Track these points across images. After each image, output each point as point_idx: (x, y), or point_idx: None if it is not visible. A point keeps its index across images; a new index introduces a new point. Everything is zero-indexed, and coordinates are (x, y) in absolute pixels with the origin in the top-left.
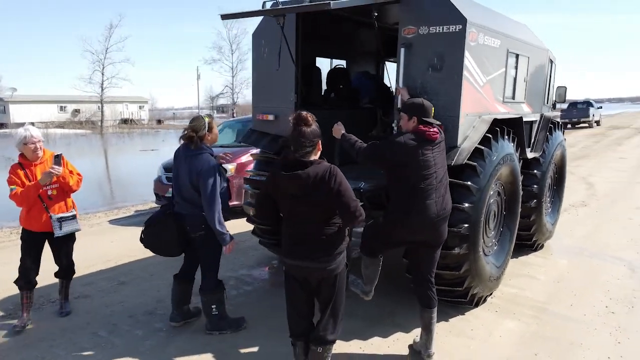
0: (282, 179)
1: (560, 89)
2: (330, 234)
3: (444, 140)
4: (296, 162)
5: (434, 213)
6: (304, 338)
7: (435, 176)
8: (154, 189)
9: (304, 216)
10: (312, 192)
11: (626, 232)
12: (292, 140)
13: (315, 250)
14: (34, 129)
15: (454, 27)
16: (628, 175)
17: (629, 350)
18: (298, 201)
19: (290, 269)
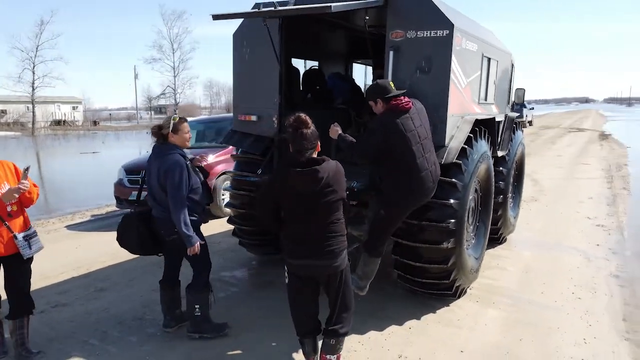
0: (295, 176)
1: (519, 90)
2: (335, 231)
3: (421, 112)
4: (307, 161)
5: (431, 182)
6: (312, 335)
7: (422, 148)
8: (115, 193)
9: (310, 214)
10: (325, 188)
11: (576, 224)
12: (293, 142)
13: (322, 248)
14: None
15: (442, 32)
16: (566, 172)
17: (600, 332)
18: (307, 199)
19: (295, 268)
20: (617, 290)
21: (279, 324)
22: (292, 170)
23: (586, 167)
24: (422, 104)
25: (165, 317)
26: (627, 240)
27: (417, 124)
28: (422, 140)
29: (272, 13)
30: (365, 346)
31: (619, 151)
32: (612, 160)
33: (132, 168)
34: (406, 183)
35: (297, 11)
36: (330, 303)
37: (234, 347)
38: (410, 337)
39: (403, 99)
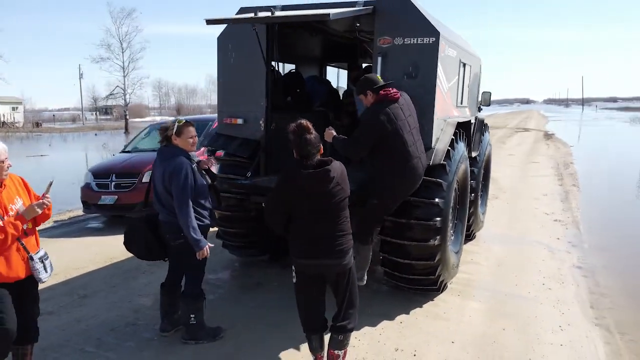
0: (307, 178)
1: (486, 93)
2: (344, 229)
3: (409, 103)
4: (316, 163)
5: (421, 169)
6: (320, 332)
7: (412, 136)
8: (82, 197)
9: (321, 214)
10: (335, 187)
11: (536, 219)
12: (299, 149)
13: (333, 247)
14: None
15: (428, 39)
16: (520, 170)
17: (573, 319)
18: (318, 199)
19: (306, 268)
20: (582, 280)
21: (274, 323)
22: (304, 172)
23: (537, 166)
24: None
25: (162, 321)
26: (583, 233)
27: (407, 114)
28: (411, 129)
29: (271, 19)
30: (362, 341)
31: (564, 150)
32: (559, 158)
33: (100, 172)
34: (400, 170)
35: (298, 18)
36: (337, 300)
37: (235, 349)
38: (403, 330)
39: (391, 90)
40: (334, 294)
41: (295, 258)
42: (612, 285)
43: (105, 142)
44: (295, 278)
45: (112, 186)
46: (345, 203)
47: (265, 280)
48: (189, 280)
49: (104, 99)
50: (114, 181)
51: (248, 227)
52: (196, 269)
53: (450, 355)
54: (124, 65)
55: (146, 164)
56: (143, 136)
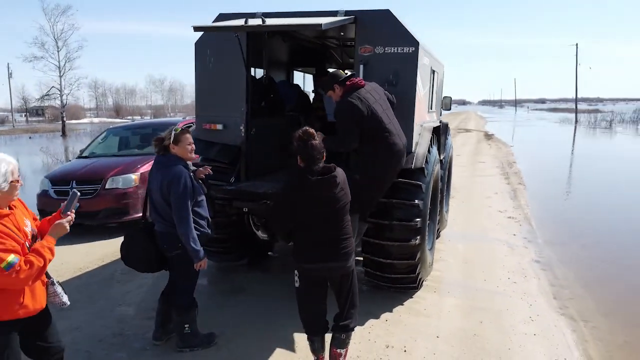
0: (315, 184)
1: (446, 98)
2: (348, 233)
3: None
4: (321, 169)
5: (402, 145)
6: (322, 333)
7: (387, 115)
8: (39, 205)
9: (327, 219)
10: (339, 192)
11: (491, 217)
12: (305, 154)
13: (338, 251)
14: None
15: (408, 48)
16: (469, 170)
17: (540, 310)
18: (324, 204)
19: (311, 272)
20: (542, 273)
21: (265, 328)
22: (311, 178)
23: (483, 165)
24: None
25: (156, 330)
26: (536, 229)
27: (377, 97)
28: (385, 110)
29: (262, 28)
30: (353, 340)
31: (505, 150)
32: (502, 158)
33: (58, 178)
34: (385, 148)
35: (290, 27)
36: (340, 301)
37: (230, 355)
38: (390, 328)
39: (356, 79)
40: (337, 295)
41: (301, 262)
42: (569, 277)
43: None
44: (297, 282)
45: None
46: (347, 207)
47: (247, 285)
48: (181, 290)
49: (37, 100)
50: (75, 188)
51: (229, 232)
52: (189, 280)
53: (438, 349)
54: (60, 65)
55: (109, 170)
56: (100, 141)
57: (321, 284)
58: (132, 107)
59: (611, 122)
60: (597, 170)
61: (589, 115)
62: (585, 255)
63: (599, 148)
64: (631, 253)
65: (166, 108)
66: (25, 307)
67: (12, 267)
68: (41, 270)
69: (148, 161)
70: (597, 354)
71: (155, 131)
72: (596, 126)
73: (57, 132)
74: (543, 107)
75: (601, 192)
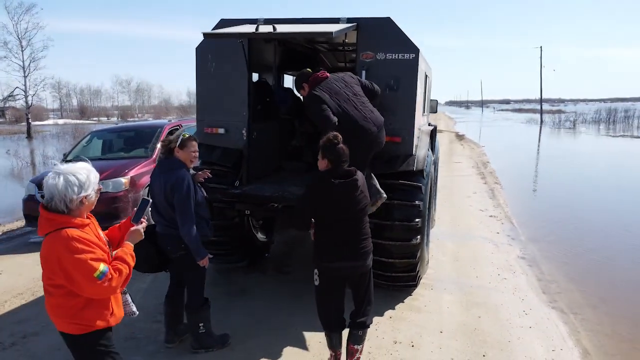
0: (338, 187)
1: (433, 101)
2: (367, 233)
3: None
4: (344, 172)
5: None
6: (340, 330)
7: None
8: (25, 210)
9: (348, 220)
10: (360, 195)
11: (474, 216)
12: (333, 156)
13: (358, 250)
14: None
15: (409, 55)
16: (447, 170)
17: (532, 304)
18: (346, 206)
19: (332, 271)
20: (528, 269)
21: (275, 328)
22: (335, 181)
23: (459, 165)
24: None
25: (167, 332)
26: (517, 227)
27: (341, 85)
28: (351, 97)
29: (273, 35)
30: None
31: (477, 150)
32: (476, 158)
33: None
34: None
35: (301, 35)
36: (357, 298)
37: (246, 355)
38: (395, 325)
39: (319, 73)
40: (354, 292)
41: (322, 262)
42: (554, 272)
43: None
44: (317, 280)
45: None
46: (367, 209)
47: (250, 286)
48: (192, 291)
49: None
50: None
51: (230, 235)
52: (197, 280)
53: (443, 344)
54: (25, 65)
55: (99, 173)
56: (85, 144)
57: (340, 282)
58: (97, 108)
59: (575, 122)
60: (567, 169)
61: (553, 116)
62: (566, 251)
63: (567, 147)
64: (607, 246)
65: (133, 109)
66: (114, 315)
67: (104, 276)
68: (127, 277)
69: (137, 164)
70: (589, 344)
71: (139, 134)
72: (561, 126)
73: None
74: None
75: (573, 190)
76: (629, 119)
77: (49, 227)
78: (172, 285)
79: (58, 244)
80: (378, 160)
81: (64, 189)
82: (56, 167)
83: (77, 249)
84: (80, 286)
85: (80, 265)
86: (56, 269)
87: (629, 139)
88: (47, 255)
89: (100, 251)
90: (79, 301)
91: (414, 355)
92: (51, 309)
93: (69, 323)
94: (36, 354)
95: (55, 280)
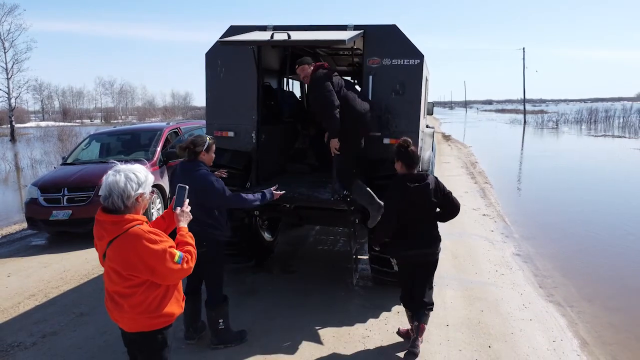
0: (414, 190)
1: (429, 104)
2: (435, 225)
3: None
4: (417, 175)
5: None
6: (413, 308)
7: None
8: (28, 213)
9: (423, 215)
10: (431, 197)
11: (467, 215)
12: (407, 160)
13: (430, 239)
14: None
15: (414, 60)
16: (437, 171)
17: (530, 298)
18: (420, 206)
19: (409, 258)
20: (524, 265)
21: (289, 326)
22: (411, 186)
23: (449, 166)
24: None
25: (187, 330)
26: (510, 225)
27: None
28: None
29: (287, 42)
30: (373, 332)
31: (465, 150)
32: (464, 158)
33: (48, 186)
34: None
35: (316, 42)
36: (423, 282)
37: (263, 351)
38: (403, 319)
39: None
40: (422, 277)
41: (401, 251)
42: (549, 267)
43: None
44: (395, 267)
45: (64, 200)
46: (435, 205)
47: (259, 286)
48: (212, 287)
49: None
50: (67, 195)
51: (239, 235)
52: (217, 276)
53: (450, 336)
54: (7, 67)
55: (101, 176)
56: (84, 147)
57: (414, 268)
58: (80, 110)
59: (557, 122)
60: (554, 168)
61: (536, 116)
62: (559, 246)
63: (551, 147)
64: (598, 242)
65: (117, 111)
66: (184, 300)
67: (182, 259)
68: (195, 256)
69: None
70: (587, 335)
71: (139, 137)
72: (544, 126)
73: (3, 136)
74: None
75: (562, 188)
76: (609, 119)
77: (118, 229)
78: (190, 283)
79: (136, 241)
80: (384, 161)
81: (123, 185)
82: (116, 167)
83: (156, 240)
84: (164, 275)
85: (163, 255)
86: (139, 266)
87: (610, 138)
88: (126, 256)
89: (170, 240)
90: (159, 292)
91: (424, 349)
92: (133, 308)
93: (152, 317)
94: (58, 352)
95: (138, 278)
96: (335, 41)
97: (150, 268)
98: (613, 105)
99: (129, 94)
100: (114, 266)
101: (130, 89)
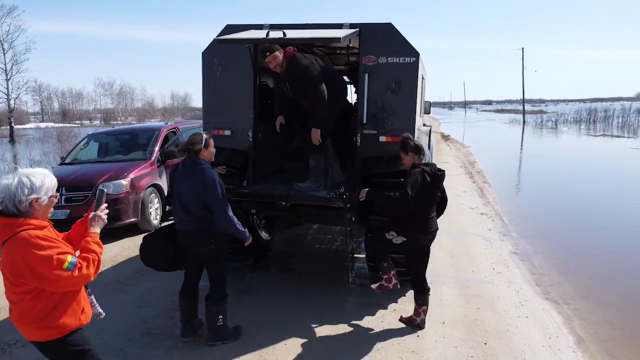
0: (433, 178)
1: (426, 102)
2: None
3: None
4: (434, 168)
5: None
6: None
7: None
8: None
9: (433, 201)
10: (441, 186)
11: (465, 214)
12: (417, 150)
13: (435, 223)
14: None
15: (410, 58)
16: None
17: (527, 296)
18: (433, 192)
19: (421, 239)
20: (521, 263)
21: (286, 323)
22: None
23: (448, 165)
24: None
25: (184, 327)
26: (508, 224)
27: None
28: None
29: (283, 40)
30: (370, 329)
31: (464, 150)
32: (463, 158)
33: None
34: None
35: (311, 40)
36: (425, 265)
37: (260, 347)
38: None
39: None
40: (423, 262)
41: (416, 233)
42: (546, 266)
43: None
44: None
45: (62, 200)
46: (441, 194)
47: (257, 284)
48: (215, 284)
49: None
50: (65, 194)
51: None
52: (222, 273)
53: (446, 334)
54: (7, 68)
55: (99, 176)
56: (82, 147)
57: (422, 250)
58: (80, 111)
59: (556, 122)
60: (552, 168)
61: (535, 116)
62: (556, 245)
63: (550, 147)
64: (595, 240)
65: (116, 112)
66: (85, 313)
67: (74, 266)
68: (98, 264)
69: (137, 167)
70: (583, 332)
71: (137, 137)
72: (543, 126)
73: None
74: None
75: (559, 188)
76: (608, 119)
77: (8, 232)
78: (187, 281)
79: (21, 246)
80: (380, 159)
81: (14, 189)
82: (17, 170)
83: (42, 245)
84: (53, 282)
85: (49, 261)
86: (25, 272)
87: (609, 138)
88: (13, 260)
89: (64, 246)
90: (49, 302)
91: (420, 345)
92: (20, 316)
93: (40, 328)
94: None
95: (26, 285)
96: (330, 39)
97: (37, 274)
98: (612, 105)
99: (129, 95)
100: (4, 270)
101: (130, 90)
